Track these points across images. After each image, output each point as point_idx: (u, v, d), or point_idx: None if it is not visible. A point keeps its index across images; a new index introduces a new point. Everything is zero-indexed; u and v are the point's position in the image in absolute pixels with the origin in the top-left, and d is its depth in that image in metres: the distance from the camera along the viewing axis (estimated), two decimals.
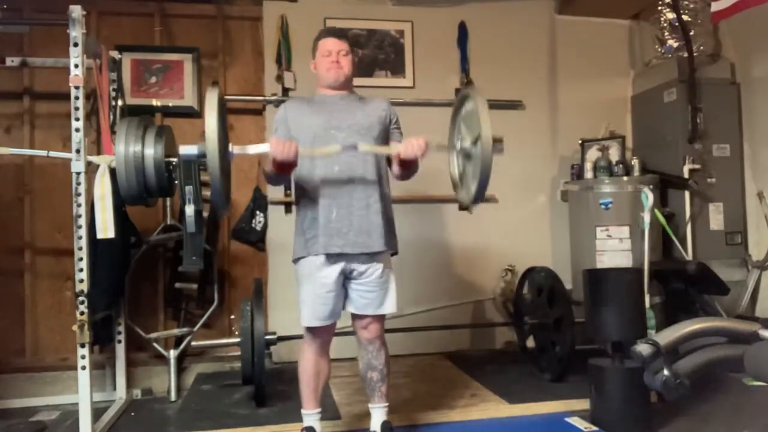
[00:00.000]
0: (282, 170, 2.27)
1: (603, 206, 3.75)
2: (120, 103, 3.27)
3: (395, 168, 2.41)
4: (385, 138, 2.40)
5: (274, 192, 3.89)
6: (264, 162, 2.30)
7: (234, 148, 2.22)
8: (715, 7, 3.31)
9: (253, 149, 2.32)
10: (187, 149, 2.19)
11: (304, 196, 2.35)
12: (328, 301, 2.31)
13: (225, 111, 2.33)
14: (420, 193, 3.99)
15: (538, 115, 4.32)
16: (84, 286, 2.63)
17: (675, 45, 4.06)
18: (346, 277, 2.34)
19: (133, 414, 3.16)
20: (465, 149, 2.33)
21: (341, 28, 2.53)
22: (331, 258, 2.28)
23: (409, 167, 2.37)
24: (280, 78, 3.93)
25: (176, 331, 3.61)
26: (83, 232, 2.64)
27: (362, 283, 2.34)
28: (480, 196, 2.28)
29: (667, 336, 2.46)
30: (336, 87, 2.41)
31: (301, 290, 2.36)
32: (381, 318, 2.42)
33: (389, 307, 2.39)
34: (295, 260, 2.38)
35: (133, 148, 2.81)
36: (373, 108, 2.42)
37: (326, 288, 2.30)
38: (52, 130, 3.66)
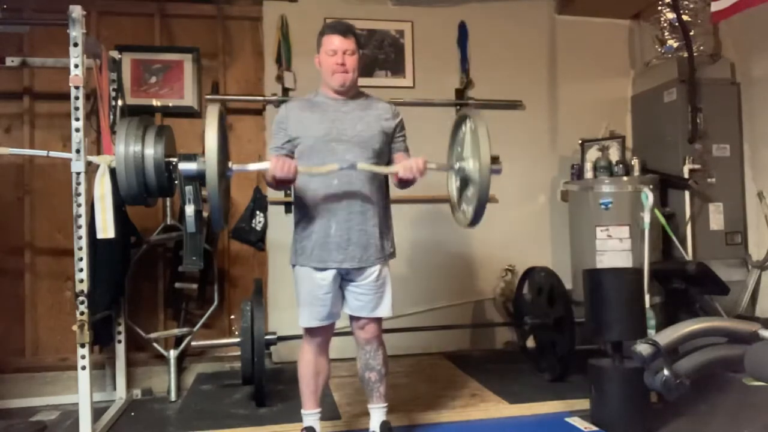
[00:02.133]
0: (281, 185, 2.29)
1: (603, 206, 3.74)
2: (120, 103, 3.26)
3: (394, 179, 2.38)
4: (386, 149, 2.36)
5: (274, 192, 3.88)
6: (265, 172, 2.30)
7: (234, 166, 2.22)
8: (715, 7, 3.31)
9: (254, 167, 2.37)
10: (186, 166, 2.15)
11: (303, 206, 2.34)
12: (326, 302, 2.31)
13: (225, 126, 2.30)
14: (420, 194, 3.99)
15: (538, 115, 4.32)
16: (84, 286, 2.63)
17: (675, 45, 4.06)
18: (342, 278, 2.34)
19: (133, 414, 3.16)
20: (463, 170, 2.32)
21: (347, 23, 2.37)
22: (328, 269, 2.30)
23: (407, 186, 2.35)
24: (280, 78, 3.93)
25: (176, 331, 3.60)
26: (83, 232, 2.64)
27: (358, 285, 2.34)
28: (477, 219, 2.29)
29: (667, 336, 2.47)
30: (341, 92, 2.35)
31: (299, 291, 2.36)
32: (377, 319, 2.42)
33: (384, 311, 2.38)
34: (293, 265, 2.39)
35: (133, 148, 2.81)
36: (376, 116, 2.36)
37: (324, 290, 2.30)
38: (52, 130, 3.66)
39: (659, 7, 4.11)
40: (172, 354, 3.45)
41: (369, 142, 2.30)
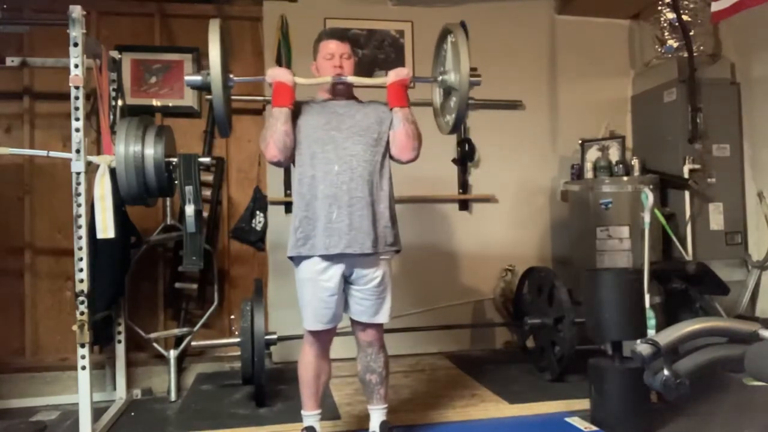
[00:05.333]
0: (281, 100, 2.26)
1: (603, 206, 3.75)
2: (120, 103, 3.26)
3: (398, 138, 2.34)
4: (384, 141, 2.36)
5: (274, 192, 3.89)
6: (267, 124, 2.33)
7: (234, 78, 2.33)
8: (715, 7, 3.31)
9: (253, 79, 2.60)
10: (191, 78, 2.29)
11: (302, 194, 2.32)
12: (331, 305, 2.30)
13: (226, 40, 2.35)
14: (420, 194, 4.00)
15: (538, 115, 4.32)
16: (84, 286, 2.63)
17: (675, 45, 4.06)
18: (346, 281, 2.33)
19: (133, 414, 3.16)
20: (445, 81, 2.47)
21: (342, 29, 2.48)
22: (333, 259, 2.27)
23: (402, 98, 2.33)
24: None
25: (176, 331, 3.61)
26: (83, 232, 2.64)
27: (360, 290, 2.33)
28: (457, 126, 2.47)
29: (667, 336, 2.46)
30: (338, 93, 2.39)
31: (303, 294, 2.35)
32: (378, 323, 2.42)
33: (383, 317, 2.39)
34: (291, 258, 2.35)
35: (133, 148, 2.82)
36: (373, 108, 2.40)
37: (329, 292, 2.29)
38: (52, 130, 3.66)
39: (659, 7, 4.11)
40: (172, 354, 3.45)
41: (368, 131, 2.33)
